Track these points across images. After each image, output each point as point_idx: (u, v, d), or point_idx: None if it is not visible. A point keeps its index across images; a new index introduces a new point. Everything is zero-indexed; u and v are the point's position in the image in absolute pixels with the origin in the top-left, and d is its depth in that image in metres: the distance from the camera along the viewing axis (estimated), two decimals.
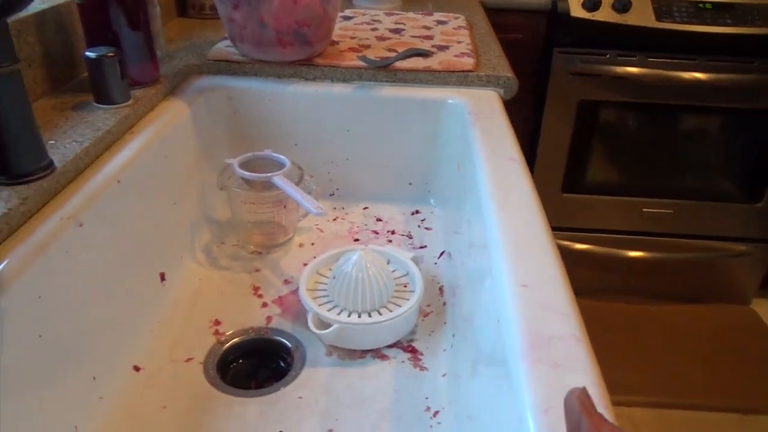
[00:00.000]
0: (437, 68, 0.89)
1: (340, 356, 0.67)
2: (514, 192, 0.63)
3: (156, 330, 0.69)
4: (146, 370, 0.64)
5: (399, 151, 0.93)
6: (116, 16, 0.73)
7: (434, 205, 0.93)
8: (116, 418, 0.58)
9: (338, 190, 0.96)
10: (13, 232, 0.52)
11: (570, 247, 1.80)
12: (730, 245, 1.80)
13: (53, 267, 0.53)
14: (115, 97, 0.72)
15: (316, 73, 0.89)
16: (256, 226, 0.82)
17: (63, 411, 0.53)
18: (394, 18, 1.14)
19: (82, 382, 0.57)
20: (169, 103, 0.82)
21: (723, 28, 1.52)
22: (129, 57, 0.76)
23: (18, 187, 0.54)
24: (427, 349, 0.68)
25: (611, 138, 1.69)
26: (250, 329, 0.70)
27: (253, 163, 0.81)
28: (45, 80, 0.74)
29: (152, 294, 0.71)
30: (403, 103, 0.88)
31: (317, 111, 0.90)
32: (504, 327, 0.47)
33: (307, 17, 0.83)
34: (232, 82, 0.90)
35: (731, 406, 1.52)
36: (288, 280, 0.78)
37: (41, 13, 0.72)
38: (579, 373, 0.41)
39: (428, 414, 0.60)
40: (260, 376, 0.66)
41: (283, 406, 0.61)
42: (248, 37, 0.85)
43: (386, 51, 0.94)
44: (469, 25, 1.12)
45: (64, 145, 0.62)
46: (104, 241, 0.61)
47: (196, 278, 0.78)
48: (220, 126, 0.91)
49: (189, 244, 0.82)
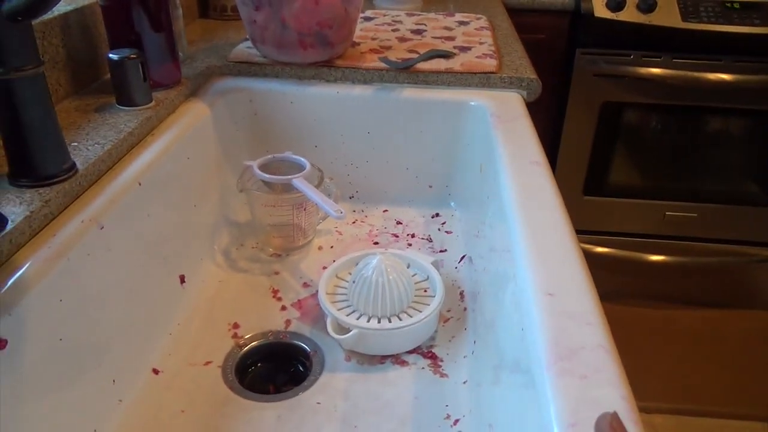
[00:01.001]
0: (459, 70, 0.88)
1: (360, 362, 0.66)
2: (538, 196, 0.62)
3: (175, 333, 0.69)
4: (165, 374, 0.64)
5: (419, 154, 0.92)
6: (139, 17, 0.73)
7: (455, 208, 0.92)
8: (135, 421, 0.58)
9: (358, 193, 0.95)
10: (35, 234, 0.52)
11: (591, 250, 1.78)
12: (755, 250, 1.76)
13: (74, 270, 0.53)
14: (138, 99, 0.72)
15: (337, 74, 0.89)
16: (276, 228, 0.81)
17: (82, 414, 0.53)
18: (416, 19, 1.13)
19: (101, 385, 0.57)
20: (191, 104, 0.82)
21: (751, 27, 1.49)
22: (151, 59, 0.76)
23: (41, 190, 0.54)
24: (448, 356, 0.67)
25: (634, 140, 1.66)
26: (268, 333, 0.70)
27: (273, 165, 0.80)
28: (68, 82, 0.74)
29: (172, 296, 0.71)
30: (424, 105, 0.88)
31: (338, 113, 0.89)
32: (528, 335, 0.46)
33: (328, 18, 0.83)
34: (253, 84, 0.89)
35: (755, 414, 1.49)
36: (307, 283, 0.78)
37: (65, 16, 0.72)
38: (607, 386, 0.40)
39: (448, 422, 0.59)
40: (279, 381, 0.66)
41: (301, 411, 0.60)
42: (270, 38, 0.85)
43: (407, 52, 0.93)
44: (491, 25, 1.11)
45: (87, 147, 0.63)
46: (125, 243, 0.61)
47: (215, 281, 0.78)
48: (241, 128, 0.91)
49: (209, 246, 0.82)
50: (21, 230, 0.50)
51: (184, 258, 0.74)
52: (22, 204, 0.52)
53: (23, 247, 0.50)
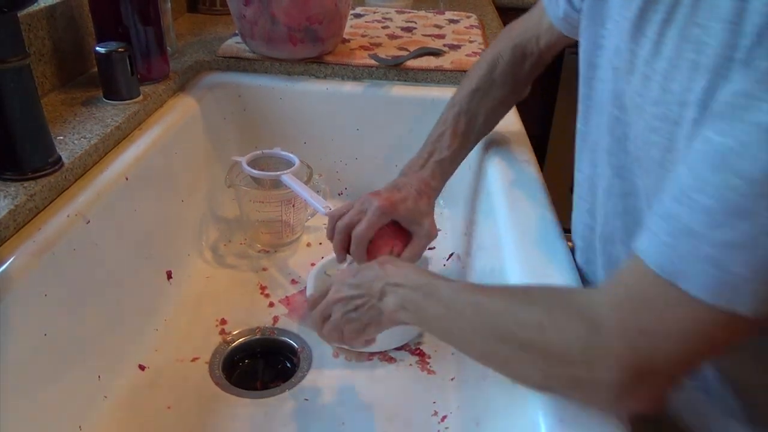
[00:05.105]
0: (449, 67, 0.88)
1: (348, 358, 0.66)
2: (525, 194, 0.62)
3: (162, 329, 0.68)
4: (151, 369, 0.63)
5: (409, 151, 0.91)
6: (127, 11, 0.73)
7: (443, 206, 0.92)
8: (121, 417, 0.58)
9: (347, 189, 0.95)
10: (20, 228, 0.51)
11: None
12: None
13: (59, 264, 0.52)
14: (125, 93, 0.71)
15: (327, 71, 0.88)
16: (264, 224, 0.81)
17: (67, 410, 0.53)
18: (406, 16, 1.13)
19: (86, 381, 0.56)
20: (179, 99, 0.81)
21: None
22: (139, 52, 0.75)
23: (25, 183, 0.53)
24: (435, 353, 0.67)
25: None
26: (256, 329, 0.70)
27: (262, 161, 0.80)
28: (54, 75, 0.73)
29: (159, 292, 0.70)
30: (413, 102, 0.87)
31: (327, 109, 0.89)
32: None
33: (318, 14, 0.83)
34: (242, 79, 0.89)
35: None
36: (295, 279, 0.78)
37: (52, 8, 0.71)
38: None
39: (436, 418, 0.59)
40: (266, 377, 0.65)
41: (288, 407, 0.60)
42: (259, 33, 0.85)
43: (397, 49, 0.93)
44: (481, 23, 1.11)
45: (73, 141, 0.62)
46: (111, 238, 0.61)
47: (202, 277, 0.77)
48: (230, 123, 0.90)
49: (196, 242, 0.81)
50: (5, 224, 0.49)
51: (171, 253, 0.74)
52: (6, 197, 0.51)
53: (7, 241, 0.50)
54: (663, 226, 0.33)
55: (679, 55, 0.35)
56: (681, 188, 0.32)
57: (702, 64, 0.33)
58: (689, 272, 0.31)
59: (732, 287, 0.30)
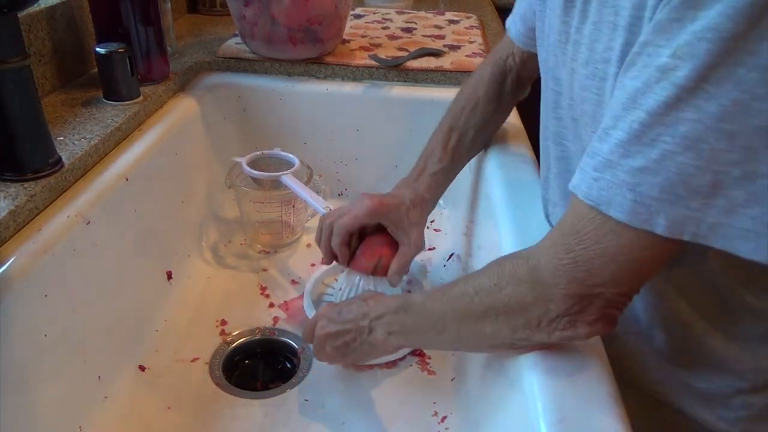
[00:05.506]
0: (449, 68, 0.88)
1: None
2: (526, 194, 0.62)
3: (162, 329, 0.68)
4: (152, 370, 0.63)
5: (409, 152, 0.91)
6: (127, 11, 0.73)
7: (443, 206, 0.92)
8: (121, 418, 0.58)
9: (347, 190, 0.95)
10: (20, 229, 0.51)
11: None
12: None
13: (60, 265, 0.52)
14: (125, 94, 0.71)
15: (327, 71, 0.88)
16: (264, 225, 0.81)
17: (67, 410, 0.53)
18: (406, 17, 1.13)
19: (86, 382, 0.56)
20: (179, 100, 0.81)
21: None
22: (139, 53, 0.75)
23: (26, 184, 0.53)
24: (435, 354, 0.67)
25: None
26: (256, 329, 0.70)
27: (262, 161, 0.80)
28: (54, 75, 0.73)
29: (159, 293, 0.70)
30: (413, 103, 0.88)
31: (327, 110, 0.89)
32: None
33: (318, 14, 0.83)
34: (242, 80, 0.89)
35: None
36: (295, 280, 0.78)
37: (52, 8, 0.71)
38: (594, 384, 0.40)
39: (436, 419, 0.59)
40: (266, 377, 0.65)
41: (288, 408, 0.60)
42: (259, 34, 0.85)
43: (397, 50, 0.93)
44: (481, 24, 1.11)
45: (73, 141, 0.62)
46: (111, 239, 0.61)
47: (203, 277, 0.77)
48: (230, 124, 0.90)
49: (196, 242, 0.81)
50: (5, 225, 0.49)
51: (171, 254, 0.74)
52: (6, 198, 0.51)
53: (8, 242, 0.50)
54: (589, 162, 0.37)
55: (601, 19, 0.41)
56: (603, 128, 0.37)
57: (620, 25, 0.38)
58: (612, 199, 0.35)
59: (647, 208, 0.34)
